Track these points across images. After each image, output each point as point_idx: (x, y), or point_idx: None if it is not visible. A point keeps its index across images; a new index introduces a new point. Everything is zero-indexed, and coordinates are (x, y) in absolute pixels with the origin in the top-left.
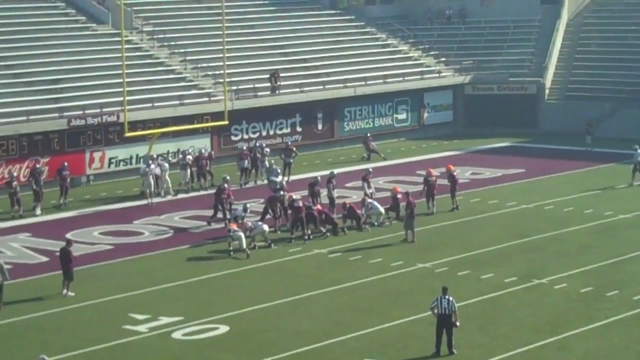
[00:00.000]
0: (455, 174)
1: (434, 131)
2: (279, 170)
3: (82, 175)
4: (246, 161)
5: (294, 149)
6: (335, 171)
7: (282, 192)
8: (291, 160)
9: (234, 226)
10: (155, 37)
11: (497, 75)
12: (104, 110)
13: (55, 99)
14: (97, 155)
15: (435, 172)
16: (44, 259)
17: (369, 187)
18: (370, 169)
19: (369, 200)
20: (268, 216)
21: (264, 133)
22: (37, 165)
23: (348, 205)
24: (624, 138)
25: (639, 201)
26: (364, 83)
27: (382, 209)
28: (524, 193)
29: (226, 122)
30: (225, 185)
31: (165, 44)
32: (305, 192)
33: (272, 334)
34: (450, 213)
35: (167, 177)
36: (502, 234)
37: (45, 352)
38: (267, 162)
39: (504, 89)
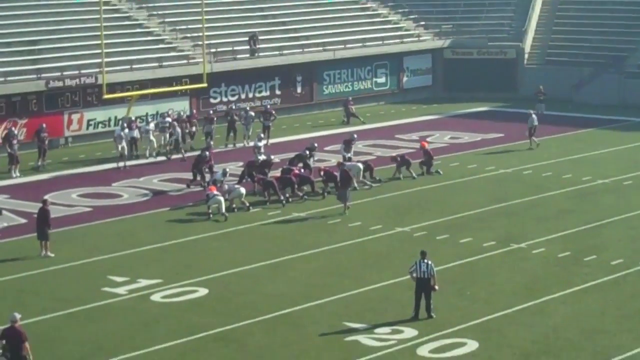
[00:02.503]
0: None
1: (413, 95)
2: (262, 135)
3: (61, 137)
4: (212, 125)
5: (273, 112)
6: (315, 136)
7: (259, 157)
8: (270, 124)
9: (213, 189)
10: None
11: (477, 39)
12: (82, 72)
13: (33, 60)
14: (75, 117)
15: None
16: (23, 220)
17: (348, 151)
18: (355, 135)
19: (348, 163)
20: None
21: (243, 96)
22: (12, 128)
23: (323, 172)
24: (604, 103)
25: (617, 166)
26: (343, 46)
27: (360, 166)
28: (503, 158)
29: (205, 85)
30: (207, 153)
31: (144, 5)
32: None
33: (250, 297)
34: (430, 177)
35: (152, 138)
36: (481, 199)
37: (23, 313)
38: (251, 127)
39: (483, 54)
